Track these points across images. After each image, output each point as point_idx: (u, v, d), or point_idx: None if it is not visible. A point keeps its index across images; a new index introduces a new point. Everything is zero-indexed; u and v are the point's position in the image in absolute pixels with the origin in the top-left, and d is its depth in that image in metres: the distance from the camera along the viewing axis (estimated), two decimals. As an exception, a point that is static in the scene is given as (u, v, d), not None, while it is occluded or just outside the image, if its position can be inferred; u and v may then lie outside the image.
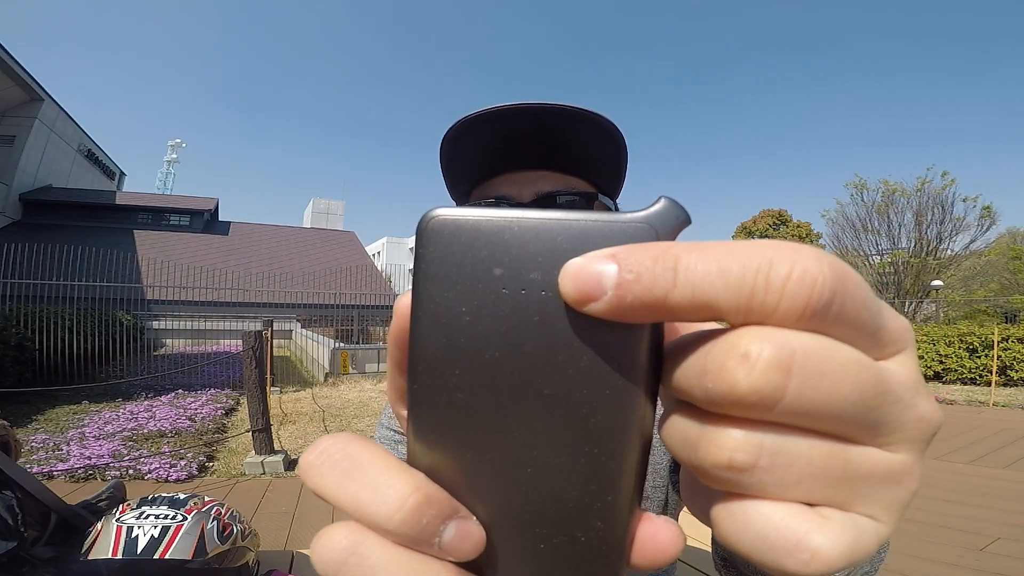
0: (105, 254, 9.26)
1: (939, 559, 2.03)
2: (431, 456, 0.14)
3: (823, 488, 0.12)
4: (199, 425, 4.27)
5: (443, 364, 0.14)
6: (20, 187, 19.21)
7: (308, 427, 4.53)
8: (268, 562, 1.17)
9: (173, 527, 0.92)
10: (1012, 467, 3.37)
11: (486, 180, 0.56)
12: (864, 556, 0.12)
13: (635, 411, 0.13)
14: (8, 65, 16.16)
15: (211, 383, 6.45)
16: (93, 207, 21.07)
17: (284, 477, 3.18)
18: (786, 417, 0.12)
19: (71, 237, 11.06)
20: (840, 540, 0.12)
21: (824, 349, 0.12)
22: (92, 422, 4.26)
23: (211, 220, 24.27)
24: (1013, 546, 2.11)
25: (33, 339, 5.51)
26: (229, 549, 0.97)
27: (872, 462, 0.13)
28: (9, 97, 17.66)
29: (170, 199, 25.90)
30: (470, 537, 0.14)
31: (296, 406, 5.53)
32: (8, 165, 18.43)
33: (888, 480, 0.13)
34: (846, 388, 0.12)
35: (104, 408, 4.89)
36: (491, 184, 0.56)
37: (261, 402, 3.31)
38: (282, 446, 3.73)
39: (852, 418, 0.12)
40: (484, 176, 0.56)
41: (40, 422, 4.32)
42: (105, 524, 0.92)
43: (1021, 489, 2.84)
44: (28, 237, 9.61)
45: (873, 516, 0.13)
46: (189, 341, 10.44)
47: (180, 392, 5.77)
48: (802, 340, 0.12)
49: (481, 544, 0.14)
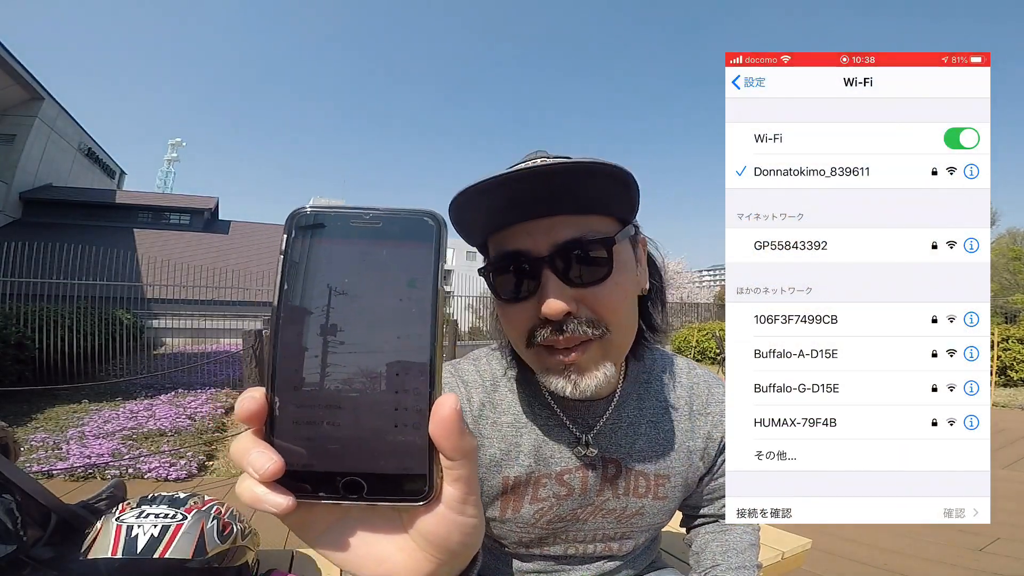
0: (105, 253, 9.25)
1: (939, 559, 2.03)
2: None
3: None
4: (199, 424, 4.26)
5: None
6: (20, 186, 19.21)
7: (308, 426, 4.52)
8: (268, 561, 1.17)
9: (173, 526, 0.92)
10: (1012, 467, 3.37)
11: (499, 231, 0.56)
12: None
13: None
14: (8, 64, 16.14)
15: (211, 382, 6.45)
16: (93, 206, 21.08)
17: (284, 476, 3.18)
18: None
19: (71, 236, 11.03)
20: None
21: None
22: (92, 421, 4.26)
23: (211, 219, 24.27)
24: (1012, 546, 2.12)
25: (33, 338, 5.51)
26: (229, 548, 0.97)
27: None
28: (9, 96, 17.65)
29: (170, 198, 25.92)
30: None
31: (296, 405, 5.52)
32: (8, 164, 18.42)
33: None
34: None
35: (104, 407, 4.89)
36: (505, 235, 0.55)
37: (261, 401, 3.31)
38: (282, 445, 3.73)
39: None
40: (497, 228, 0.56)
41: (40, 421, 4.32)
42: (105, 523, 0.92)
43: (1021, 489, 2.84)
44: (28, 236, 9.59)
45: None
46: (189, 340, 10.43)
47: (180, 391, 5.77)
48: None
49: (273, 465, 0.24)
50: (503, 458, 0.64)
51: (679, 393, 0.69)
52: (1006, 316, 13.10)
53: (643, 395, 0.67)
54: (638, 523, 0.67)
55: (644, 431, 0.66)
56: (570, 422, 0.64)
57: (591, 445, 0.63)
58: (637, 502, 0.66)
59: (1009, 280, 16.82)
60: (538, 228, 0.53)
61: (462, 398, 0.66)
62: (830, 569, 1.93)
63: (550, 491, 0.63)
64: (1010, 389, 6.94)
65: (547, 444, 0.63)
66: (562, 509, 0.65)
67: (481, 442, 0.64)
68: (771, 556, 1.24)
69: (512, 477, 0.63)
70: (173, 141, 44.80)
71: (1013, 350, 7.30)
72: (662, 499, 0.67)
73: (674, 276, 21.25)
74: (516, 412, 0.65)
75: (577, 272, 0.53)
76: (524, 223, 0.54)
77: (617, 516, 0.66)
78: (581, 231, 0.53)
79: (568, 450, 0.64)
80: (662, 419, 0.67)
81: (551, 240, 0.53)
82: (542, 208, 0.53)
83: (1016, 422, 4.71)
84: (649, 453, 0.66)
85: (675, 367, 0.72)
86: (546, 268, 0.52)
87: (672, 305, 17.02)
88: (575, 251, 0.53)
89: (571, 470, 0.64)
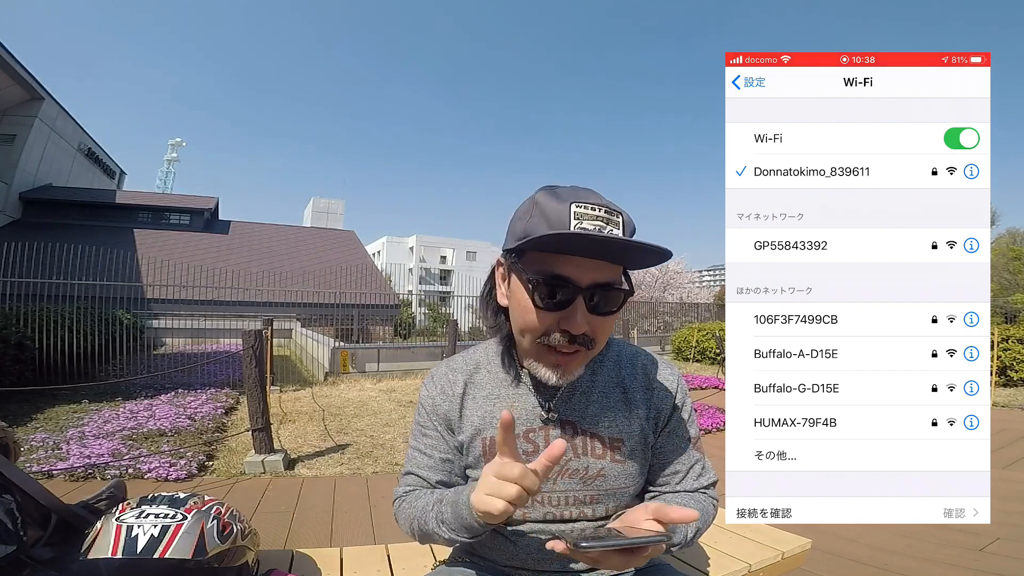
0: (105, 253, 9.25)
1: (938, 559, 2.03)
2: None
3: None
4: (199, 424, 4.26)
5: None
6: (20, 186, 19.20)
7: (308, 426, 4.53)
8: (268, 561, 1.17)
9: (173, 526, 0.92)
10: (1012, 467, 3.37)
11: (557, 252, 0.67)
12: None
13: None
14: (8, 64, 16.14)
15: (211, 382, 6.44)
16: (93, 206, 21.07)
17: (284, 476, 3.18)
18: None
19: (71, 236, 11.04)
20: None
21: None
22: (92, 421, 4.25)
23: (211, 219, 24.26)
24: (1012, 546, 2.12)
25: (33, 338, 5.50)
26: (229, 548, 0.97)
27: None
28: (9, 96, 17.65)
29: (170, 198, 25.91)
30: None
31: (296, 405, 5.53)
32: (8, 164, 18.42)
33: None
34: None
35: (104, 407, 4.88)
36: (559, 259, 0.67)
37: (261, 401, 3.31)
38: (282, 445, 3.73)
39: None
40: (556, 250, 0.67)
41: (40, 421, 4.32)
42: (105, 523, 0.92)
43: (1021, 489, 2.84)
44: (28, 236, 9.60)
45: None
46: (189, 340, 10.43)
47: (180, 391, 5.76)
48: None
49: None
50: (481, 424, 0.79)
51: (626, 372, 0.82)
52: (1006, 316, 13.10)
53: (596, 371, 0.81)
54: (602, 485, 0.78)
55: (596, 399, 0.80)
56: (536, 394, 0.79)
57: (552, 411, 0.78)
58: (597, 463, 0.77)
59: (1009, 280, 16.82)
60: (586, 264, 0.67)
61: (450, 382, 0.82)
62: (830, 569, 1.93)
63: (520, 449, 0.75)
64: (1010, 389, 6.94)
65: (515, 410, 0.78)
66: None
67: (465, 414, 0.80)
68: (771, 556, 1.24)
69: (488, 439, 0.78)
70: (173, 141, 44.85)
71: (1013, 350, 7.30)
72: (620, 462, 0.78)
73: (674, 276, 21.23)
74: (491, 387, 0.81)
75: (598, 306, 0.69)
76: (575, 256, 0.67)
77: (582, 477, 0.77)
78: (613, 278, 0.69)
79: (533, 413, 0.79)
80: (612, 391, 0.81)
81: (592, 278, 0.67)
82: (597, 254, 0.67)
83: (1016, 422, 4.71)
84: (600, 418, 0.79)
85: (624, 351, 0.85)
86: (581, 297, 0.67)
87: (672, 305, 17.01)
88: (604, 291, 0.68)
89: (535, 429, 0.78)
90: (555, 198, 0.67)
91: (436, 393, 0.82)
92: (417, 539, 0.78)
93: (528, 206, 0.70)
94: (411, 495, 0.80)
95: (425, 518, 0.73)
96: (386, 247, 46.40)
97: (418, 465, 0.81)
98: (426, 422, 0.82)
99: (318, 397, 6.07)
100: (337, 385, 6.95)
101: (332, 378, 7.38)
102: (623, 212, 0.68)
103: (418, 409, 0.84)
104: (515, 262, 0.71)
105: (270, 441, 3.39)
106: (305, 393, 6.36)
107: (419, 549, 1.26)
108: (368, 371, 8.03)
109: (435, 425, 0.81)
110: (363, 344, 9.47)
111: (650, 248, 0.63)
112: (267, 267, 16.99)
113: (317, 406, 5.48)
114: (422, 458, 0.81)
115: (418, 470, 0.81)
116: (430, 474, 0.80)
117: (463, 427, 0.80)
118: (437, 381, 0.83)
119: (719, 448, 0.82)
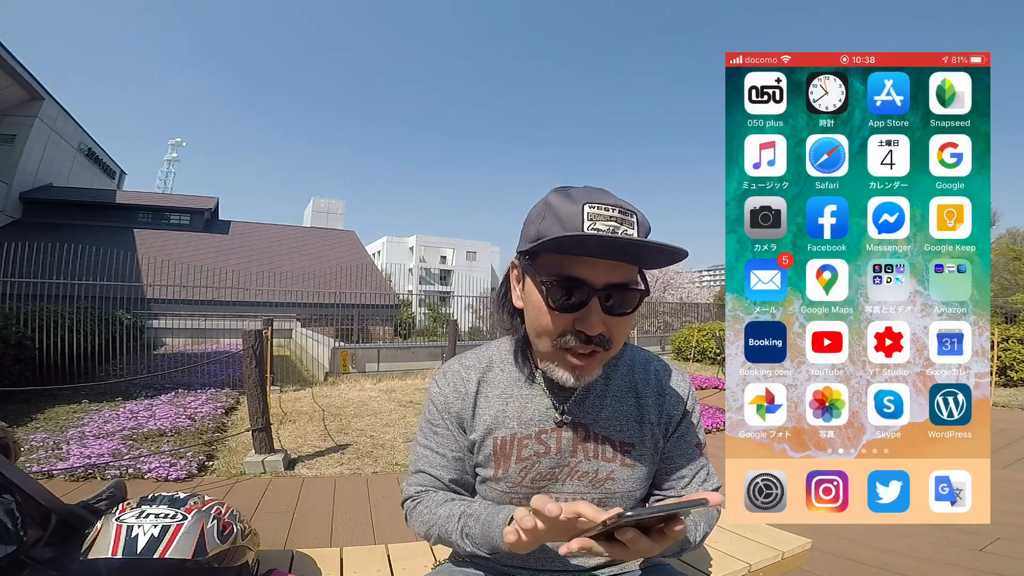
0: (105, 253, 9.25)
1: (938, 559, 2.03)
2: None
3: None
4: (199, 424, 4.26)
5: None
6: (20, 186, 19.19)
7: (308, 426, 4.53)
8: (268, 561, 1.17)
9: (173, 526, 0.92)
10: (1012, 467, 3.37)
11: (572, 254, 0.67)
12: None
13: None
14: (8, 64, 16.14)
15: (211, 382, 6.45)
16: (93, 206, 21.06)
17: (284, 476, 3.18)
18: None
19: (71, 236, 11.04)
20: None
21: None
22: (92, 421, 4.25)
23: (211, 219, 24.25)
24: (1013, 546, 2.12)
25: (33, 338, 5.50)
26: (229, 548, 0.97)
27: None
28: (9, 96, 17.64)
29: (170, 198, 25.90)
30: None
31: (296, 405, 5.53)
32: (8, 164, 18.41)
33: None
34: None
35: (104, 407, 4.88)
36: (574, 260, 0.67)
37: (261, 401, 3.31)
38: (282, 445, 3.73)
39: None
40: (570, 252, 0.66)
41: (40, 421, 4.32)
42: (105, 523, 0.92)
43: (1021, 489, 2.84)
44: (28, 236, 9.60)
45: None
46: (189, 340, 10.43)
47: (180, 391, 5.76)
48: None
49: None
50: (493, 423, 0.78)
51: (639, 377, 0.82)
52: (1006, 316, 13.09)
53: (610, 376, 0.81)
54: (611, 488, 0.78)
55: (608, 403, 0.79)
56: (550, 395, 0.79)
57: (566, 413, 0.78)
58: (607, 466, 0.77)
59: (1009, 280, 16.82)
60: (602, 265, 0.66)
61: (463, 380, 0.81)
62: (830, 569, 1.93)
63: (532, 450, 0.77)
64: (1010, 389, 6.94)
65: (528, 411, 0.78)
66: (542, 467, 0.77)
67: (478, 413, 0.79)
68: (771, 556, 1.24)
69: (500, 438, 0.78)
70: (173, 141, 44.80)
71: (1013, 350, 7.30)
72: (630, 466, 0.78)
73: (674, 276, 21.23)
74: (505, 386, 0.80)
75: (614, 307, 0.68)
76: (591, 258, 0.66)
77: (591, 479, 0.77)
78: (629, 278, 0.68)
79: (546, 415, 0.78)
80: (625, 395, 0.80)
81: (607, 279, 0.67)
82: (611, 255, 0.66)
83: (1016, 422, 4.71)
84: (613, 421, 0.79)
85: (637, 355, 0.85)
86: (596, 298, 0.67)
87: (672, 305, 17.01)
88: (620, 292, 0.68)
89: (547, 431, 0.78)
90: (568, 199, 0.67)
91: (449, 391, 0.80)
92: (430, 542, 0.78)
93: (541, 208, 0.70)
94: (427, 496, 0.79)
95: (448, 528, 0.73)
96: (386, 247, 46.40)
97: (429, 463, 0.80)
98: (437, 419, 0.80)
99: (318, 397, 6.07)
100: (337, 385, 6.95)
101: (332, 378, 7.38)
102: (638, 212, 0.68)
103: (428, 406, 0.83)
104: (529, 264, 0.71)
105: (270, 441, 3.39)
106: (305, 393, 6.36)
107: (419, 549, 1.26)
108: (368, 371, 8.03)
109: (447, 423, 0.80)
110: (363, 344, 9.46)
111: (665, 248, 0.62)
112: (267, 267, 16.99)
113: (317, 406, 5.48)
114: (434, 456, 0.80)
115: (430, 468, 0.80)
116: (443, 473, 0.79)
117: (475, 426, 0.79)
118: (450, 379, 0.82)
119: (719, 448, 0.82)
